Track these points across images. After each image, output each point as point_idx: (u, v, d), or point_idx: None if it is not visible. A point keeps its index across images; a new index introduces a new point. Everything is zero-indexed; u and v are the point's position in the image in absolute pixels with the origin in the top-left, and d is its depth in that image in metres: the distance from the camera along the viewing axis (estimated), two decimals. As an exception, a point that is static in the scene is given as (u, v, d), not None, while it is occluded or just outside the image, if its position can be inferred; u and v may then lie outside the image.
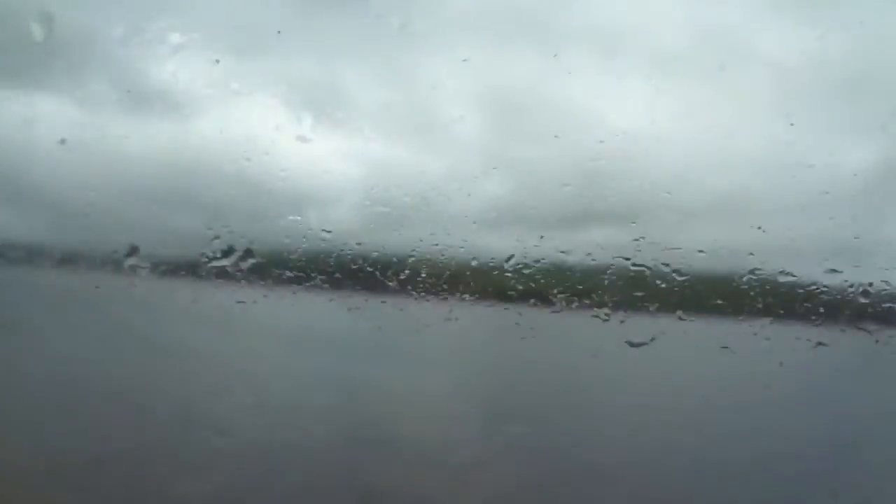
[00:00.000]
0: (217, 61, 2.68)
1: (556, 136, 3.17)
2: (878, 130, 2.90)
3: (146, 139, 2.77)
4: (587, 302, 2.80)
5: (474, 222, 3.18)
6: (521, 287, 3.03)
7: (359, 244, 2.96)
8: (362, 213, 3.21)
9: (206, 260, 2.76)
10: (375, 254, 3.09)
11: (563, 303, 2.93)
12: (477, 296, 3.00)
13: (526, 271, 2.99)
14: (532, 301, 3.00)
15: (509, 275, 3.06)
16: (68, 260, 2.80)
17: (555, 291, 2.96)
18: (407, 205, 3.20)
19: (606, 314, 2.74)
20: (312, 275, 3.06)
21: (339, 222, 3.13)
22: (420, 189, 3.33)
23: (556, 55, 3.02)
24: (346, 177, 3.16)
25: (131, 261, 2.69)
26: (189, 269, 2.89)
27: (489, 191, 3.28)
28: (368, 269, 3.06)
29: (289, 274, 2.84)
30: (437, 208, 3.22)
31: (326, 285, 2.85)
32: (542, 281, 3.00)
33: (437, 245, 3.11)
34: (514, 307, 2.88)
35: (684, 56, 2.92)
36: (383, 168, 3.21)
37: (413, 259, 3.13)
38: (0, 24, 3.00)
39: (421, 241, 3.12)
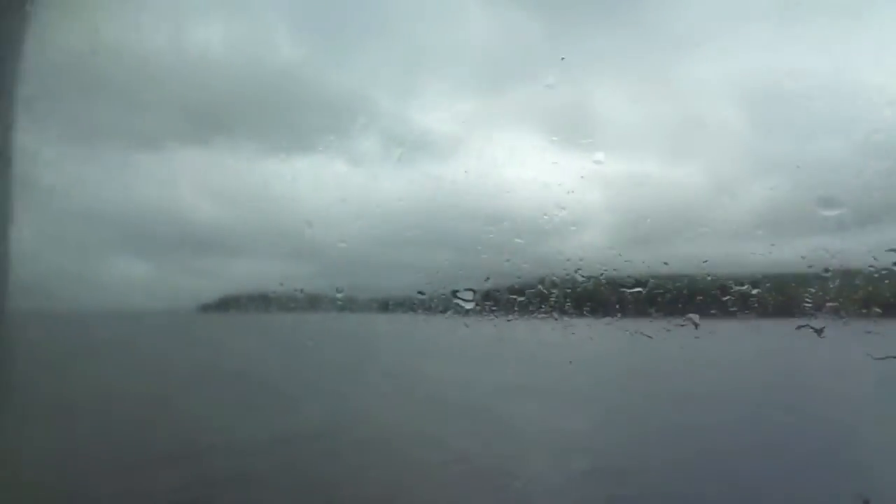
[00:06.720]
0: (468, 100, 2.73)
1: (837, 127, 2.79)
2: None
3: (409, 186, 2.89)
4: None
5: (740, 231, 2.91)
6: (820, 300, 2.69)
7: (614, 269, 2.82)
8: (612, 234, 3.07)
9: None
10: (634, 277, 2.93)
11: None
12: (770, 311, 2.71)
13: (829, 282, 2.65)
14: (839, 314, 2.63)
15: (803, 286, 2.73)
16: (353, 307, 3.01)
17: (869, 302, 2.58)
18: (661, 220, 3.01)
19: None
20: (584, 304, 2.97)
21: (592, 247, 3.01)
22: (675, 202, 3.12)
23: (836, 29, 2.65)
24: (595, 199, 3.03)
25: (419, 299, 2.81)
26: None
27: (756, 196, 2.97)
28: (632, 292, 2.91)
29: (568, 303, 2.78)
30: (695, 220, 2.98)
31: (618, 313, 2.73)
32: (845, 292, 2.63)
33: (704, 261, 2.90)
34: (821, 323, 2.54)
35: None
36: (634, 184, 3.04)
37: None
38: (277, 99, 3.34)
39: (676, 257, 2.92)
